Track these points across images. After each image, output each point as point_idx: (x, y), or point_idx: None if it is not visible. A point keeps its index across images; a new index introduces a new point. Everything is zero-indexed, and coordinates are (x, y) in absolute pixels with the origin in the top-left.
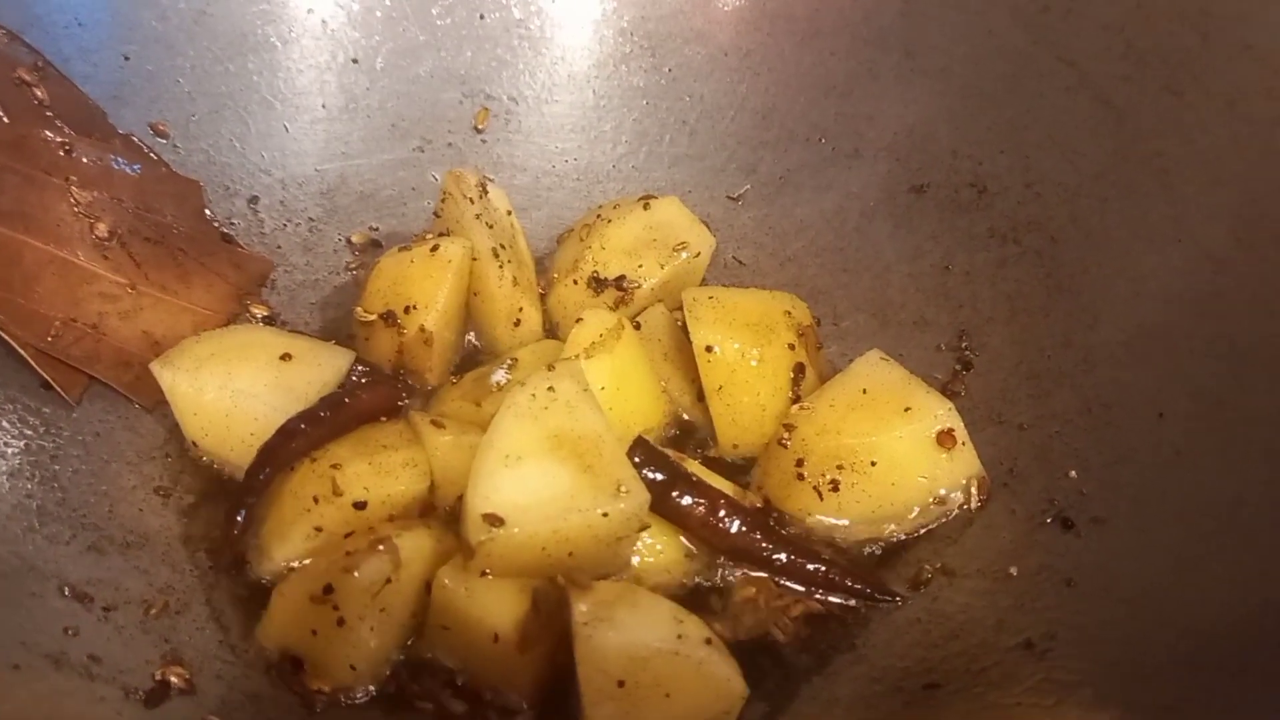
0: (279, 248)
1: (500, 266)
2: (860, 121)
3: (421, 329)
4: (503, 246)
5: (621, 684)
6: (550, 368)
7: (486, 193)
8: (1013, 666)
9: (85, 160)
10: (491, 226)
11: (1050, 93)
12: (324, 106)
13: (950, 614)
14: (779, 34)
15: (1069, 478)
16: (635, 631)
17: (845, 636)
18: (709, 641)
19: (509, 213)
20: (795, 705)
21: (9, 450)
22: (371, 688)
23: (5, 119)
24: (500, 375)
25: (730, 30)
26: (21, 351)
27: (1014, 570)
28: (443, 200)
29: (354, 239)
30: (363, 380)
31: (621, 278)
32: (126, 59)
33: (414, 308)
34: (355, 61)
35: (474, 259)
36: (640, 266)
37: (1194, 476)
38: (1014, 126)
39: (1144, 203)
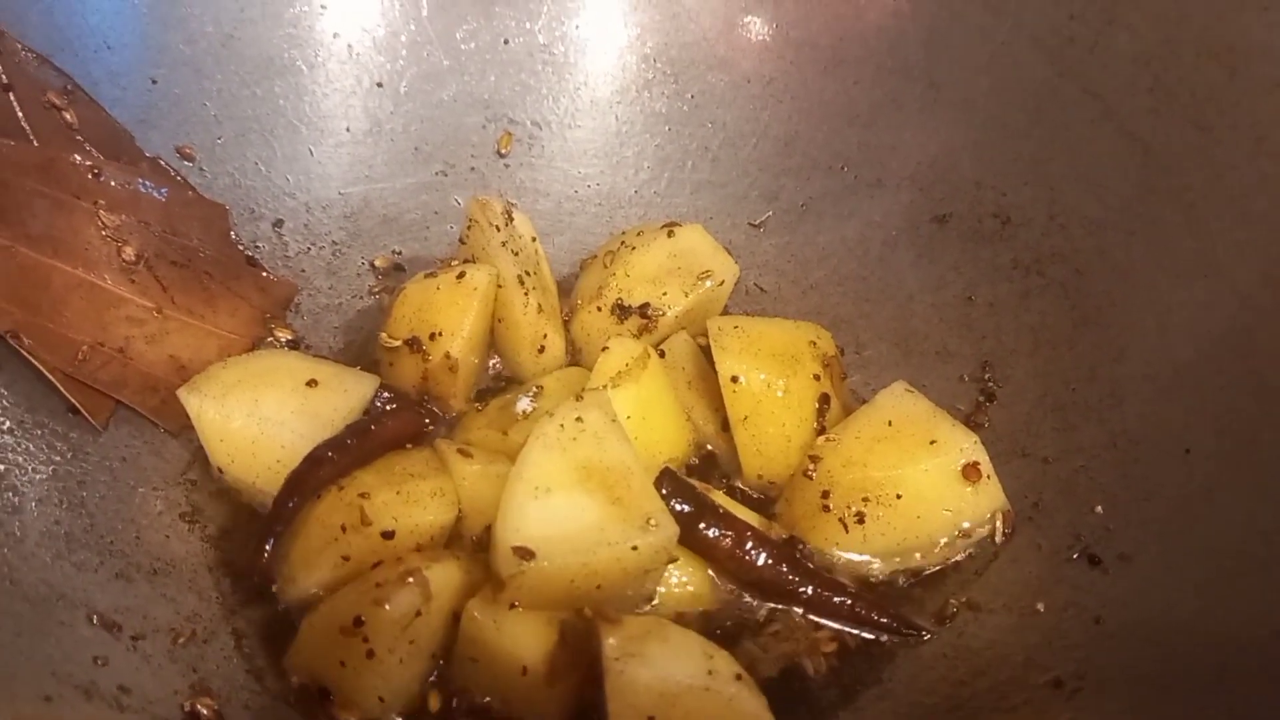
0: (303, 271)
1: (525, 294)
2: (883, 151)
3: (447, 356)
4: (528, 273)
5: (651, 719)
6: (578, 398)
7: (512, 220)
8: (1042, 705)
9: (113, 184)
10: (517, 254)
11: (1075, 125)
12: (348, 130)
13: (977, 649)
14: (802, 62)
15: (1095, 513)
16: (666, 667)
17: (871, 671)
18: (739, 677)
19: (534, 239)
20: None
21: (37, 476)
22: (398, 719)
23: (35, 142)
24: (525, 403)
25: (753, 58)
26: (49, 376)
27: (1041, 606)
28: (468, 227)
29: (377, 263)
30: (387, 406)
31: (646, 305)
32: (154, 83)
33: (439, 334)
34: (380, 86)
35: (499, 286)
36: (664, 294)
37: (1221, 512)
38: (1038, 158)
39: (1170, 237)
